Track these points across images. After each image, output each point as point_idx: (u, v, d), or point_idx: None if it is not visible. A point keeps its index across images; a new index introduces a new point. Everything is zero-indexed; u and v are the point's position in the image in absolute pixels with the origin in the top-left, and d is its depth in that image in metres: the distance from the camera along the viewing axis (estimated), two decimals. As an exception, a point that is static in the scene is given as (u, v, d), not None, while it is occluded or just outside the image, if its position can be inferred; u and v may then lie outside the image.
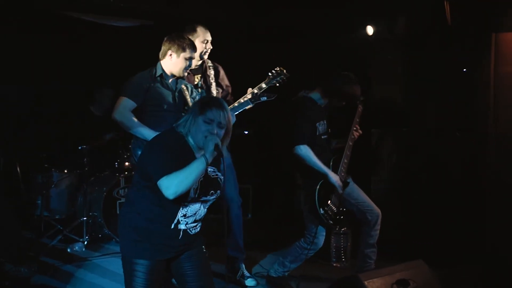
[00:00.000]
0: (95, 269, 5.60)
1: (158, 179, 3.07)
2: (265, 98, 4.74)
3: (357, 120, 5.09)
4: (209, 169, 3.32)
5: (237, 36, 7.04)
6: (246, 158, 6.77)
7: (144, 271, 3.22)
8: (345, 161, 4.96)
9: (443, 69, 5.94)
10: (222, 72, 5.27)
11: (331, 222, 4.85)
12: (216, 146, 3.12)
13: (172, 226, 3.23)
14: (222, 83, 5.24)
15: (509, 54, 5.66)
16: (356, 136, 5.07)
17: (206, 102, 3.29)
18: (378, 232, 5.06)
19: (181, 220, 3.24)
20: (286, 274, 5.16)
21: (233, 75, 5.38)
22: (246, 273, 5.22)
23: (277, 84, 4.84)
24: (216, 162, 3.34)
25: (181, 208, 3.21)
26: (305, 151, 4.79)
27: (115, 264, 5.58)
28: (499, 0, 5.55)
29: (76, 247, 6.14)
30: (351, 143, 5.01)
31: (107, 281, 5.25)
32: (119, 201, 6.38)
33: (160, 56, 4.71)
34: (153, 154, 3.22)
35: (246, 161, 7.23)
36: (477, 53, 5.81)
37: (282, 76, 4.84)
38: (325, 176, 4.81)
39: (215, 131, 3.19)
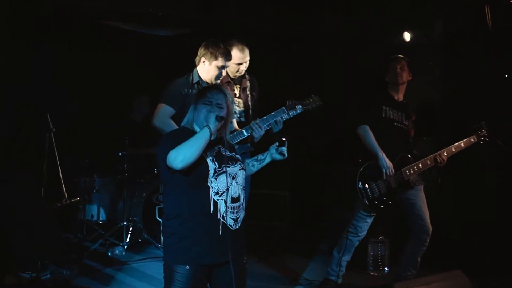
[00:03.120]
0: (134, 272, 5.67)
1: (166, 156, 3.12)
2: (300, 106, 4.73)
3: (462, 145, 5.06)
4: (221, 149, 3.34)
5: (272, 42, 7.06)
6: (284, 164, 6.74)
7: (184, 278, 3.19)
8: (420, 166, 4.95)
9: (483, 74, 5.82)
10: (256, 86, 5.29)
11: (366, 201, 4.87)
12: (217, 116, 3.22)
13: (212, 209, 3.19)
14: (255, 94, 5.25)
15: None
16: (439, 160, 5.00)
17: (205, 87, 3.47)
18: (424, 248, 5.01)
19: (218, 200, 3.20)
20: (341, 271, 5.14)
21: (268, 82, 5.40)
22: None
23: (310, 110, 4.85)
24: (227, 147, 3.39)
25: (210, 187, 3.19)
26: (364, 130, 4.93)
27: (153, 268, 5.67)
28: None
29: (117, 251, 6.26)
30: (445, 156, 4.98)
31: (145, 285, 5.30)
32: (158, 206, 6.44)
33: (196, 62, 4.74)
34: (160, 147, 3.27)
35: (284, 167, 7.26)
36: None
37: (317, 105, 4.82)
38: (376, 157, 4.86)
39: (215, 111, 3.27)
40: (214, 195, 3.21)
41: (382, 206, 4.93)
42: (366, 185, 4.88)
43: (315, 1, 6.31)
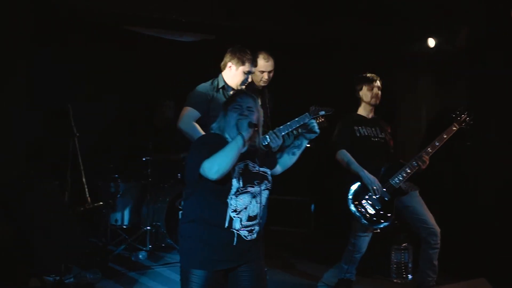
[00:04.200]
0: (157, 277, 5.71)
1: (199, 166, 3.12)
2: (324, 112, 4.73)
3: (444, 136, 4.99)
4: (250, 164, 3.32)
5: (296, 47, 7.07)
6: (307, 171, 6.77)
7: (201, 282, 3.21)
8: (408, 171, 4.95)
9: (507, 82, 5.76)
10: (273, 99, 5.32)
11: (364, 221, 4.92)
12: (250, 123, 3.19)
13: (226, 225, 3.20)
14: (271, 107, 5.27)
15: None
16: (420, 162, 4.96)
17: (233, 94, 3.50)
18: (437, 250, 4.99)
19: (234, 217, 3.21)
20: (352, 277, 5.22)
21: (293, 87, 5.42)
22: None
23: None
24: (258, 157, 3.37)
25: (229, 204, 3.20)
26: (342, 154, 5.07)
27: (176, 273, 5.65)
28: None
29: (140, 256, 6.30)
30: (425, 156, 4.93)
31: (168, 290, 5.36)
32: (182, 211, 6.45)
33: (221, 67, 4.78)
34: (192, 153, 3.29)
35: (307, 174, 7.26)
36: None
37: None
38: (359, 176, 4.93)
39: (246, 114, 3.27)
40: (231, 212, 3.21)
41: (382, 221, 4.96)
42: (358, 206, 4.94)
43: (339, 8, 6.31)
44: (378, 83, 5.22)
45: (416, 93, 6.93)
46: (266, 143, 4.42)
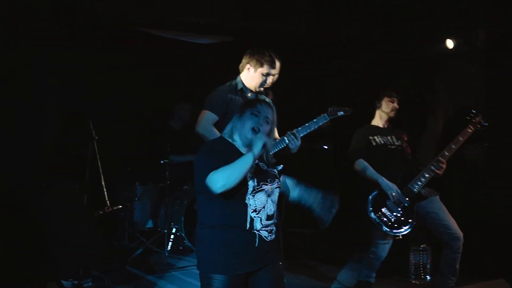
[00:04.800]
0: (175, 280, 5.70)
1: (206, 176, 3.12)
2: (342, 112, 4.74)
3: (460, 139, 4.96)
4: (260, 164, 3.34)
5: (312, 48, 7.06)
6: (326, 172, 6.76)
7: (222, 287, 3.19)
8: (426, 175, 4.93)
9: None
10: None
11: (386, 229, 4.94)
12: (265, 145, 3.16)
13: (248, 226, 3.20)
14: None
15: None
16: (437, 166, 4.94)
17: (254, 99, 3.45)
18: (459, 255, 4.96)
19: (254, 217, 3.21)
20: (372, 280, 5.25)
21: (308, 89, 5.42)
22: None
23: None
24: (262, 158, 3.37)
25: (248, 204, 3.20)
26: (360, 164, 5.14)
27: (194, 276, 5.67)
28: None
29: (158, 259, 6.31)
30: (442, 159, 4.91)
31: (186, 293, 5.38)
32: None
33: (240, 69, 4.76)
34: (199, 159, 3.28)
35: (326, 175, 7.24)
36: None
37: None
38: (378, 184, 4.96)
39: (262, 124, 3.25)
40: (252, 212, 3.21)
41: (403, 227, 4.96)
42: (379, 213, 4.96)
43: (358, 9, 6.30)
44: (397, 100, 5.34)
45: (433, 94, 6.90)
46: (285, 144, 4.43)
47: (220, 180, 3.08)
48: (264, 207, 3.25)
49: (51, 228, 4.89)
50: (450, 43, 6.29)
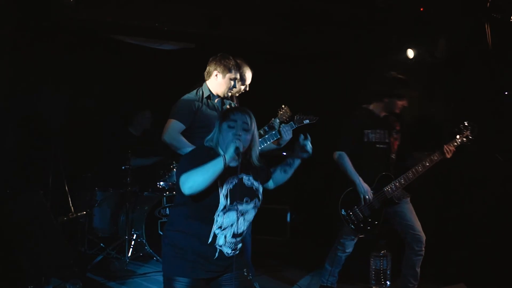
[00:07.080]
0: (136, 286, 5.66)
1: (179, 177, 3.13)
2: (308, 121, 4.80)
3: (449, 148, 5.04)
4: (244, 177, 3.33)
5: (276, 57, 7.11)
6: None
7: None
8: (402, 181, 5.03)
9: (484, 91, 5.88)
10: None
11: (352, 226, 5.03)
12: (237, 148, 3.13)
13: (209, 241, 3.21)
14: None
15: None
16: (434, 160, 5.04)
17: (229, 109, 3.41)
18: (420, 257, 5.04)
19: (218, 233, 3.22)
20: (335, 278, 5.30)
21: (272, 97, 5.45)
22: None
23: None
24: (252, 170, 3.38)
25: (215, 220, 3.20)
26: (340, 156, 5.06)
27: (156, 283, 5.67)
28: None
29: (119, 265, 6.24)
30: (420, 169, 5.01)
31: (148, 299, 5.31)
32: (161, 220, 6.43)
33: (205, 77, 4.76)
34: (180, 164, 3.30)
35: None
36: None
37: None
38: (354, 183, 4.99)
39: (240, 134, 3.23)
40: (216, 229, 3.23)
41: (368, 228, 5.07)
42: (349, 211, 5.04)
43: (319, 17, 6.38)
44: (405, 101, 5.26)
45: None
46: (276, 138, 4.66)
47: (189, 181, 3.08)
48: (232, 225, 3.26)
49: (18, 234, 4.81)
50: (410, 53, 6.42)
